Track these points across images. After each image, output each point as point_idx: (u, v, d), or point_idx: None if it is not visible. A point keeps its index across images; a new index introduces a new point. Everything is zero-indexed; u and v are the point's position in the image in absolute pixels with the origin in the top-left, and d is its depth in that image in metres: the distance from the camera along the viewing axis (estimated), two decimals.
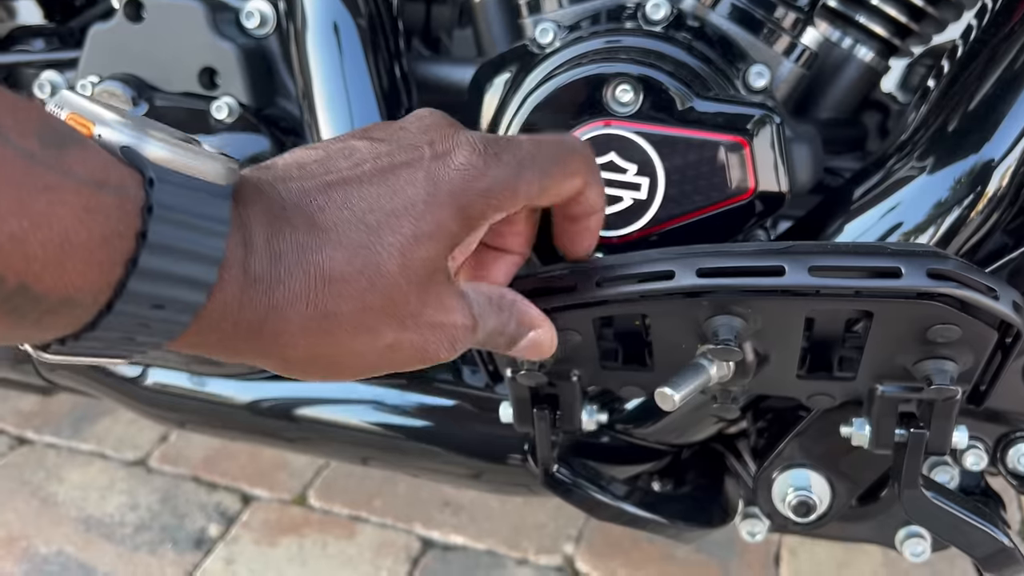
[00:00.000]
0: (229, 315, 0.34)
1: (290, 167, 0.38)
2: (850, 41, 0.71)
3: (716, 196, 0.54)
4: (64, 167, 0.28)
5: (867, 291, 0.46)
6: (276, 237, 0.35)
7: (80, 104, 0.32)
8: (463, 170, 0.40)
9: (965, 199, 0.57)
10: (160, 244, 0.30)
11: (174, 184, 0.31)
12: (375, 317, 0.38)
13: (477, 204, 0.40)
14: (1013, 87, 0.56)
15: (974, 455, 0.64)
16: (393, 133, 0.41)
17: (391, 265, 0.37)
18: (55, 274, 0.28)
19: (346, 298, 0.36)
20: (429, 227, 0.38)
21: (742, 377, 0.51)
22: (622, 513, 0.63)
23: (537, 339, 0.46)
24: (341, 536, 1.18)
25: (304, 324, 0.36)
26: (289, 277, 0.35)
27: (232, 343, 0.36)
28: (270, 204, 0.36)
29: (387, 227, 0.37)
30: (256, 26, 0.74)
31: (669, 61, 0.56)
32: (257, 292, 0.34)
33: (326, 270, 0.36)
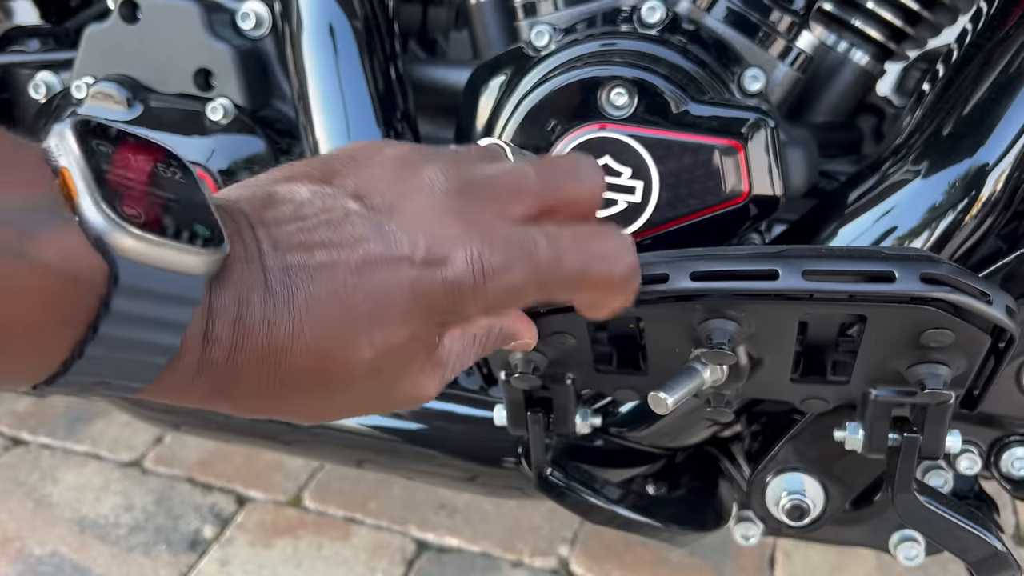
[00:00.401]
0: (182, 384, 0.34)
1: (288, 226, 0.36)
2: (845, 45, 0.71)
3: (710, 199, 0.55)
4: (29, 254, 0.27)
5: (861, 295, 0.46)
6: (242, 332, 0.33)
7: (74, 159, 0.30)
8: (452, 286, 0.36)
9: (960, 203, 0.57)
10: (111, 338, 0.29)
11: (140, 280, 0.30)
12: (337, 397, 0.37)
13: (457, 316, 0.38)
14: (1008, 91, 0.56)
15: (968, 459, 0.64)
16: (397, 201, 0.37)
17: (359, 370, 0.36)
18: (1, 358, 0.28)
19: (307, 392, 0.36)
20: (402, 339, 0.37)
21: (736, 381, 0.51)
22: (615, 516, 0.63)
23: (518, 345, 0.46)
24: (336, 538, 1.18)
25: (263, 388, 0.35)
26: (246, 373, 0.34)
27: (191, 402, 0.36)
28: (249, 288, 0.34)
29: (361, 331, 0.35)
30: (252, 27, 0.74)
31: (664, 64, 0.56)
32: (211, 377, 0.34)
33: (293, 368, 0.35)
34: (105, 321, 0.29)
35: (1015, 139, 0.56)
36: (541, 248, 0.38)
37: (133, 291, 0.29)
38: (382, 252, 0.36)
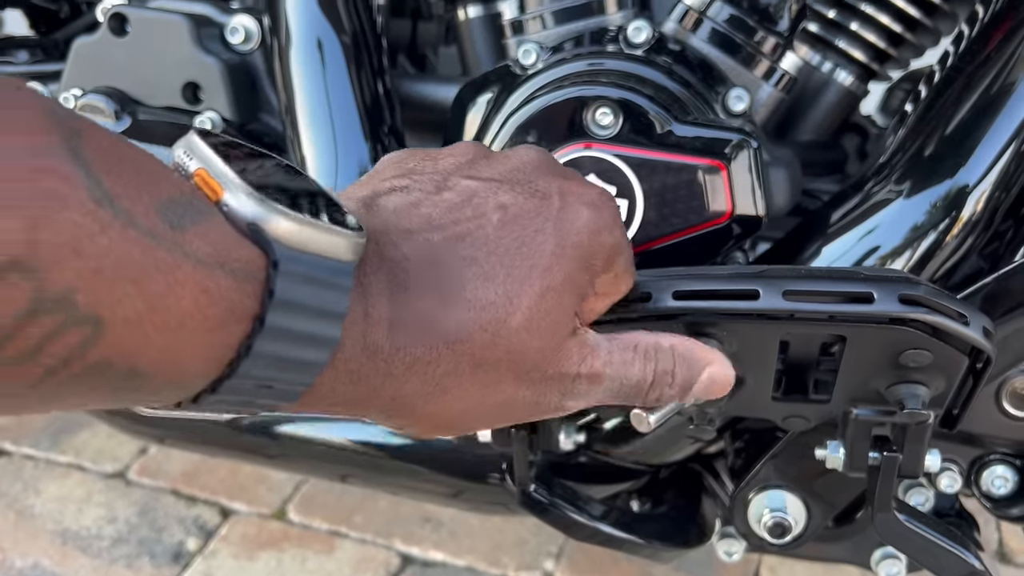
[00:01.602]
0: (340, 388, 0.33)
1: (407, 212, 0.36)
2: (830, 65, 0.72)
3: (694, 219, 0.55)
4: (184, 246, 0.26)
5: (840, 315, 0.47)
6: (399, 307, 0.34)
7: (209, 159, 0.30)
8: (591, 225, 0.38)
9: (941, 223, 0.58)
10: (277, 329, 0.29)
11: (297, 266, 0.29)
12: (493, 373, 0.36)
13: (598, 259, 0.39)
14: (988, 113, 0.57)
15: (948, 477, 0.65)
16: (508, 172, 0.39)
17: (516, 320, 0.36)
18: (166, 358, 0.27)
19: (466, 357, 0.35)
20: (557, 280, 0.37)
21: (717, 400, 0.51)
22: (598, 533, 0.63)
23: (713, 378, 0.43)
24: (320, 551, 1.18)
25: (421, 388, 0.35)
26: (410, 344, 0.34)
27: (344, 409, 0.35)
28: (393, 270, 0.34)
29: (515, 281, 0.36)
30: (240, 41, 0.74)
31: (649, 85, 0.57)
32: (374, 363, 0.33)
33: (449, 334, 0.34)
34: (271, 310, 0.28)
35: (995, 160, 0.57)
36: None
37: (293, 276, 0.29)
38: (517, 209, 0.37)
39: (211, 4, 0.76)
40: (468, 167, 0.40)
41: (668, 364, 0.42)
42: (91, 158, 0.25)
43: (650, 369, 0.42)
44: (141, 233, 0.25)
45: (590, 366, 0.40)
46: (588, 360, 0.39)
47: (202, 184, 0.30)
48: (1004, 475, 0.65)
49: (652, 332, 0.43)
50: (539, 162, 0.41)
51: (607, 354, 0.40)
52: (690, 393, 0.43)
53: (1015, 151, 0.57)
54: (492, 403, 0.37)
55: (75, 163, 0.24)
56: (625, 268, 0.43)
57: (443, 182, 0.38)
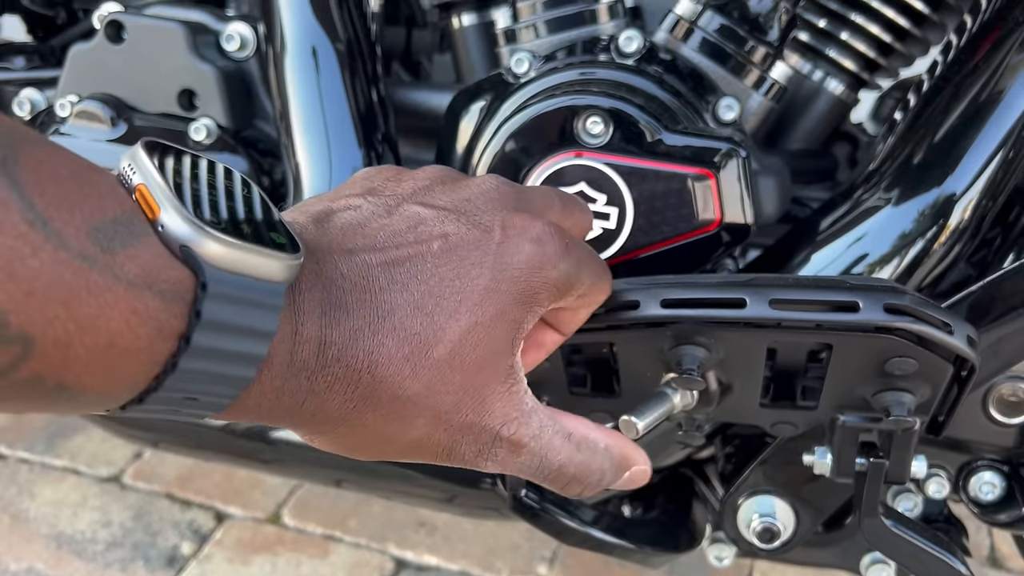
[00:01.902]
0: (265, 401, 0.34)
1: (353, 232, 0.37)
2: (820, 74, 0.73)
3: (683, 227, 0.55)
4: (114, 267, 0.27)
5: (826, 324, 0.47)
6: (329, 326, 0.34)
7: (150, 176, 0.30)
8: (532, 257, 0.38)
9: (928, 231, 0.58)
10: (203, 348, 0.29)
11: (227, 287, 0.30)
12: (410, 406, 0.36)
13: (541, 294, 0.38)
14: (976, 122, 0.58)
15: (936, 483, 0.66)
16: (459, 202, 0.39)
17: (439, 353, 0.35)
18: (95, 375, 0.28)
19: (386, 384, 0.35)
20: (488, 315, 0.36)
21: (706, 405, 0.52)
22: (589, 538, 0.63)
23: (633, 476, 0.44)
24: (315, 555, 1.18)
25: (340, 407, 0.35)
26: (335, 363, 0.34)
27: (267, 420, 0.35)
28: (329, 289, 0.34)
29: (445, 313, 0.36)
30: (236, 49, 0.75)
31: (640, 94, 0.57)
32: (299, 380, 0.34)
33: (373, 356, 0.34)
34: (197, 330, 0.29)
35: (982, 168, 0.58)
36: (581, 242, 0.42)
37: (221, 297, 0.29)
38: (459, 239, 0.37)
39: (207, 12, 0.76)
40: (423, 193, 0.40)
41: (597, 464, 0.41)
42: (25, 179, 0.25)
43: (577, 461, 0.41)
44: (72, 255, 0.26)
45: (514, 431, 0.38)
46: (514, 424, 0.38)
47: (141, 200, 0.30)
48: (992, 481, 0.65)
49: (593, 426, 0.42)
50: (491, 194, 0.40)
51: (538, 428, 0.39)
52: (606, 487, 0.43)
53: (1002, 159, 0.57)
54: (406, 437, 0.37)
55: (8, 185, 0.25)
56: (592, 284, 0.42)
57: (395, 206, 0.38)
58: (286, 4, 0.71)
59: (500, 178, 0.42)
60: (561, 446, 0.40)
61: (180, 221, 0.29)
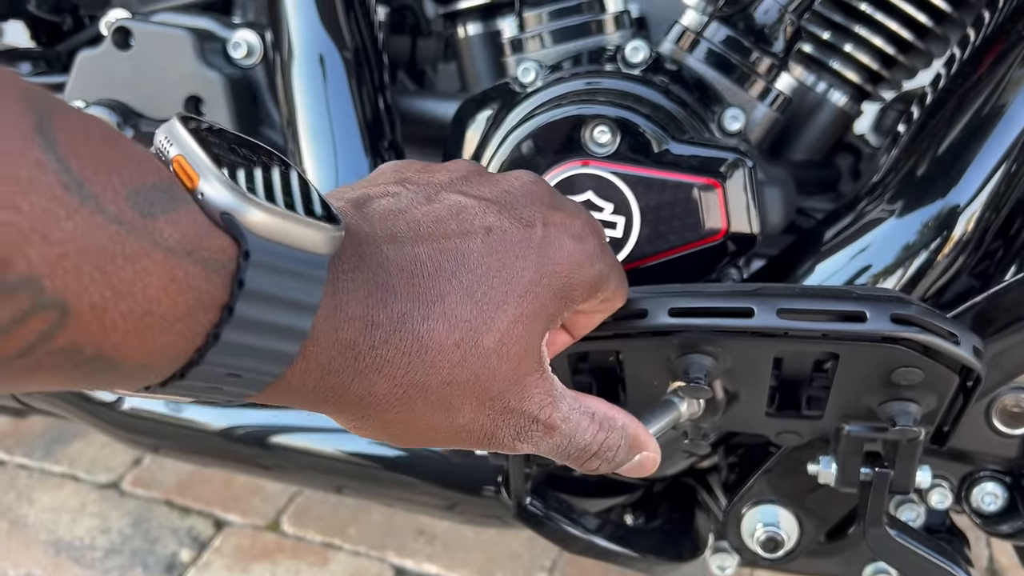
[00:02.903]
0: (310, 380, 0.33)
1: (395, 218, 0.36)
2: (824, 86, 0.73)
3: (689, 236, 0.56)
4: (153, 233, 0.26)
5: (833, 334, 0.47)
6: (376, 307, 0.34)
7: (189, 146, 0.30)
8: (573, 258, 0.39)
9: (932, 243, 0.59)
10: (246, 319, 0.29)
11: (269, 256, 0.29)
12: (458, 393, 0.36)
13: (577, 291, 0.40)
14: (979, 134, 0.58)
15: (939, 493, 0.66)
16: (500, 194, 0.40)
17: (489, 342, 0.36)
18: (133, 344, 0.27)
19: (436, 369, 0.35)
20: (532, 308, 0.37)
21: (712, 414, 0.52)
22: (593, 546, 0.64)
23: (643, 461, 0.45)
24: (314, 563, 1.18)
25: (389, 392, 0.35)
26: (383, 345, 0.34)
27: (311, 402, 0.35)
28: (374, 271, 0.34)
29: (493, 303, 0.36)
30: (243, 56, 0.75)
31: (646, 104, 0.58)
32: (345, 359, 0.33)
33: (424, 340, 0.35)
34: (240, 300, 0.28)
35: (986, 180, 0.58)
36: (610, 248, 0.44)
37: (264, 267, 0.29)
38: (504, 233, 0.38)
39: (214, 19, 0.77)
40: (461, 183, 0.40)
41: (615, 441, 0.42)
42: (62, 141, 0.25)
43: (600, 440, 0.42)
44: (109, 220, 0.25)
45: (549, 415, 0.40)
46: (549, 408, 0.39)
47: (179, 171, 0.30)
48: (994, 492, 0.65)
49: (610, 405, 0.43)
50: (530, 188, 0.41)
51: (568, 410, 0.40)
52: (618, 469, 0.44)
53: (1005, 172, 0.58)
54: (452, 423, 0.37)
55: (44, 146, 0.24)
56: (615, 289, 0.44)
57: (434, 194, 0.39)
58: (293, 12, 0.72)
59: (534, 174, 0.43)
60: (588, 426, 0.41)
61: (221, 188, 0.29)
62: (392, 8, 0.86)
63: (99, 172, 0.25)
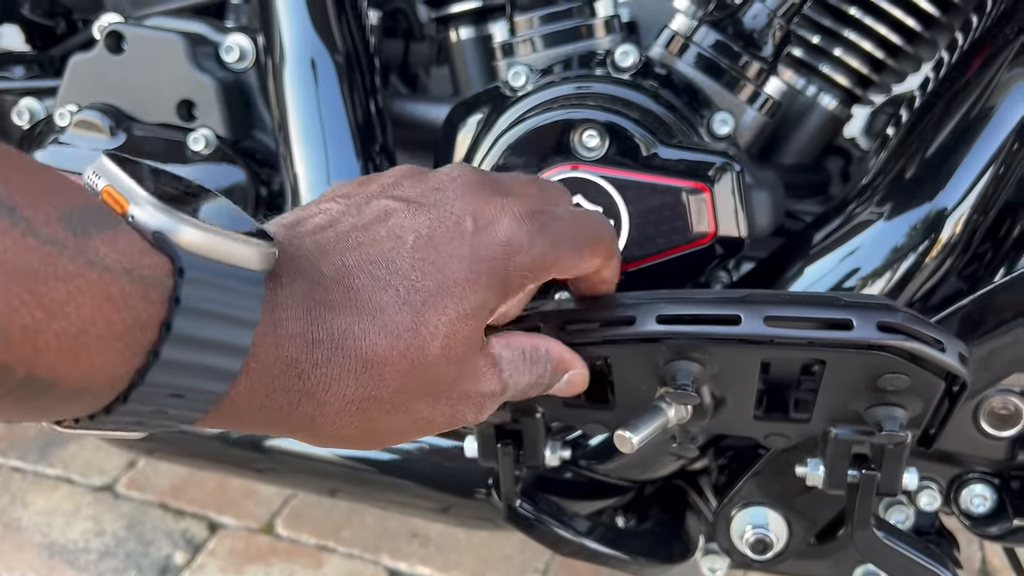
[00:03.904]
0: (256, 401, 0.33)
1: (326, 232, 0.37)
2: (814, 90, 0.73)
3: (677, 240, 0.56)
4: (87, 252, 0.26)
5: (820, 341, 0.48)
6: (315, 323, 0.34)
7: (117, 176, 0.30)
8: (506, 246, 0.39)
9: (920, 245, 0.59)
10: (184, 335, 0.29)
11: (204, 273, 0.29)
12: (412, 397, 0.37)
13: (516, 278, 0.39)
14: (967, 138, 0.59)
15: (928, 495, 0.66)
16: (429, 194, 0.40)
17: (434, 348, 0.36)
18: (68, 365, 0.27)
19: (386, 382, 0.35)
20: (471, 305, 0.37)
21: (700, 419, 0.52)
22: (583, 549, 0.64)
23: (571, 380, 0.46)
24: (308, 566, 1.18)
25: (341, 409, 0.35)
26: (327, 363, 0.34)
27: (261, 425, 0.35)
28: (310, 286, 0.34)
29: (431, 307, 0.36)
30: (235, 60, 0.75)
31: (635, 108, 0.58)
32: (289, 377, 0.33)
33: (369, 354, 0.35)
34: (178, 315, 0.28)
35: (973, 183, 0.58)
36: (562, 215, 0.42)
37: (199, 283, 0.29)
38: (432, 233, 0.37)
39: (206, 23, 0.77)
40: (392, 188, 0.40)
41: (543, 367, 0.44)
42: None
43: (535, 373, 0.43)
44: (41, 241, 0.25)
45: (497, 381, 0.41)
46: (495, 378, 0.41)
47: (109, 200, 0.30)
48: (983, 494, 0.66)
49: (530, 334, 0.44)
50: (461, 182, 0.41)
51: (508, 364, 0.42)
52: (551, 391, 0.46)
53: (993, 174, 0.58)
54: (411, 422, 0.38)
55: None
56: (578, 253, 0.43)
57: (364, 204, 0.39)
58: (285, 16, 0.72)
59: (468, 166, 0.43)
60: (523, 368, 0.43)
61: (152, 211, 0.29)
62: (385, 12, 0.86)
63: (28, 195, 0.26)
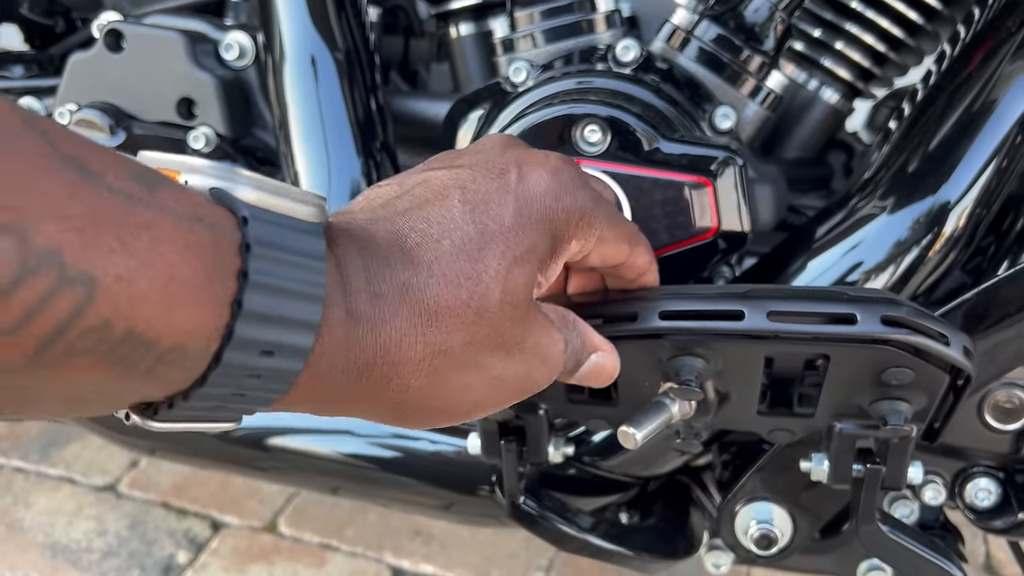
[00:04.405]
0: (337, 360, 0.33)
1: (372, 205, 0.38)
2: (815, 83, 0.73)
3: (680, 234, 0.56)
4: (160, 204, 0.27)
5: (824, 336, 0.47)
6: (375, 279, 0.34)
7: (162, 157, 0.32)
8: (551, 190, 0.40)
9: (923, 239, 0.59)
10: (261, 283, 0.29)
11: (267, 222, 0.30)
12: (483, 349, 0.37)
13: (562, 224, 0.40)
14: (969, 131, 0.58)
15: (933, 490, 0.66)
16: (471, 158, 0.40)
17: (495, 293, 0.37)
18: (164, 316, 0.27)
19: (455, 332, 0.36)
20: (523, 249, 0.38)
21: (704, 414, 0.52)
22: (587, 545, 0.64)
23: (600, 362, 0.45)
24: (311, 564, 1.18)
25: (415, 364, 0.35)
26: (395, 316, 0.34)
27: (343, 391, 0.35)
28: (364, 245, 0.35)
29: (488, 254, 0.37)
30: (235, 58, 0.75)
31: (637, 103, 0.58)
32: (363, 332, 0.34)
33: (432, 306, 0.35)
34: (251, 262, 0.29)
35: (976, 176, 0.58)
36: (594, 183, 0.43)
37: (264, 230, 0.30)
38: (479, 186, 0.38)
39: (206, 21, 0.77)
40: (430, 163, 0.41)
41: (576, 337, 0.44)
42: (60, 139, 0.26)
43: (573, 340, 0.43)
44: (117, 194, 0.26)
45: (558, 336, 0.41)
46: (554, 331, 0.41)
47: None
48: (987, 487, 0.65)
49: (557, 306, 0.44)
50: (498, 141, 0.42)
51: (559, 324, 0.42)
52: (578, 373, 0.45)
53: (996, 167, 0.58)
54: (486, 380, 0.38)
55: (45, 141, 0.25)
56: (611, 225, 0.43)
57: (405, 179, 0.40)
58: (285, 13, 0.71)
59: (502, 134, 0.44)
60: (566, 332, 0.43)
61: (206, 173, 0.31)
62: (384, 9, 0.86)
63: (99, 159, 0.27)
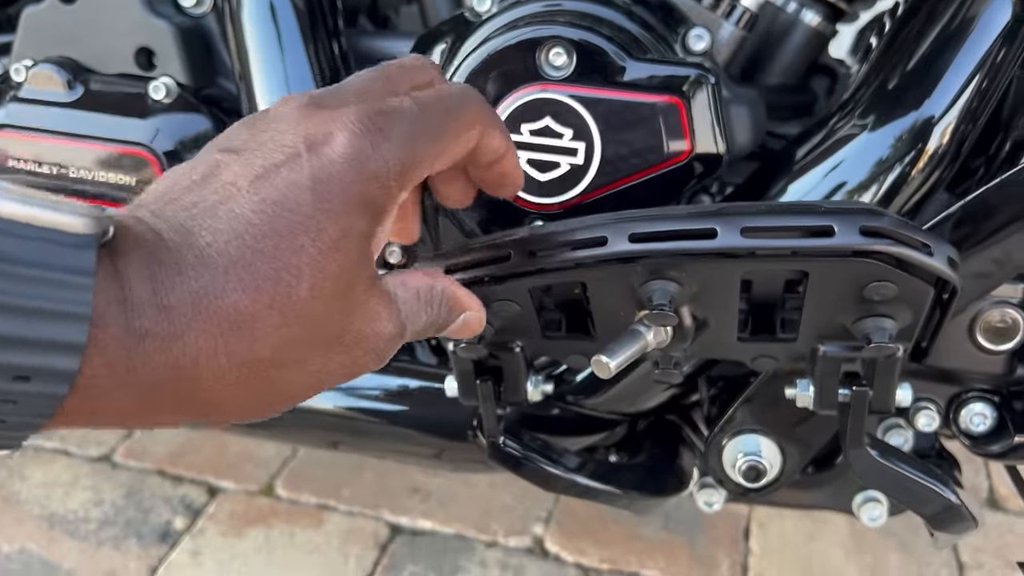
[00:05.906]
0: (118, 380, 0.30)
1: (163, 199, 0.34)
2: (795, 5, 0.70)
3: (653, 159, 0.54)
4: None
5: (801, 251, 0.45)
6: (163, 289, 0.31)
7: None
8: (349, 158, 0.34)
9: (906, 156, 0.57)
10: (8, 305, 0.26)
11: (21, 237, 0.27)
12: (297, 349, 0.34)
13: (376, 192, 0.35)
14: (952, 44, 0.56)
15: (926, 416, 0.64)
16: (258, 135, 0.36)
17: (302, 291, 0.33)
18: None
19: (261, 339, 0.33)
20: (332, 237, 0.34)
21: (681, 342, 0.50)
22: (574, 484, 0.62)
23: (466, 320, 0.43)
24: (309, 525, 1.17)
25: (218, 377, 0.32)
26: (188, 329, 0.31)
27: (134, 410, 0.32)
28: (152, 251, 0.31)
29: (287, 249, 0.33)
30: (192, 5, 0.73)
31: (606, 24, 0.56)
32: (150, 349, 0.30)
33: (232, 314, 0.32)
34: None
35: (959, 92, 0.56)
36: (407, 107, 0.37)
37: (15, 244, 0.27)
38: (266, 170, 0.34)
39: None
40: (223, 140, 0.37)
41: (438, 308, 0.41)
42: None
43: (431, 313, 0.41)
44: None
45: (394, 322, 0.38)
46: (390, 316, 0.38)
47: None
48: (983, 412, 0.64)
49: (427, 274, 0.42)
50: (289, 111, 0.37)
51: (404, 305, 0.39)
52: (446, 332, 0.43)
53: (979, 81, 0.55)
54: (306, 378, 0.36)
55: None
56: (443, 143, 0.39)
57: (198, 163, 0.36)
58: None
59: (296, 94, 0.39)
60: (419, 309, 0.40)
61: None
62: None
63: None
